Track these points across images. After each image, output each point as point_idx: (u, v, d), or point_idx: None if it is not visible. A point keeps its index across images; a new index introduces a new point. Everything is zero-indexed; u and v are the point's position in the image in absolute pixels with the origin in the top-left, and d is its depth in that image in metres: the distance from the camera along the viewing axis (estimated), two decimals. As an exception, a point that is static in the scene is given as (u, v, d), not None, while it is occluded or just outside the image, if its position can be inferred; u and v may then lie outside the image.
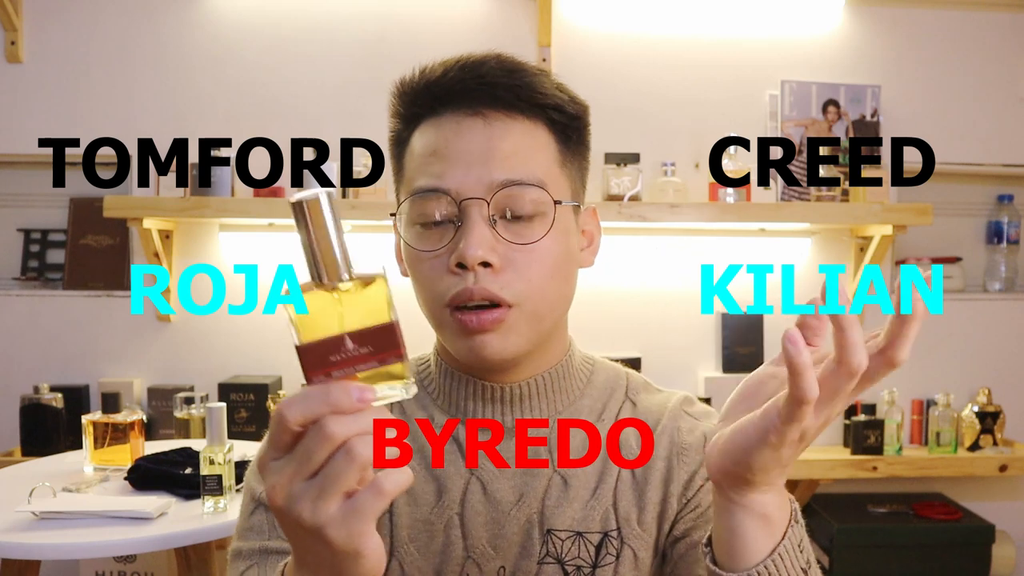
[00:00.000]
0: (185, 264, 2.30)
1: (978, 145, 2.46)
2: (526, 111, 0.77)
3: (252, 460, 0.83)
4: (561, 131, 0.80)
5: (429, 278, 0.77)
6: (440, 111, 0.77)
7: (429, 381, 0.86)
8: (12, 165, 2.35)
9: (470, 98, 0.76)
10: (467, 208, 0.74)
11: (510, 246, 0.75)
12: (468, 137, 0.75)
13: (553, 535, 0.80)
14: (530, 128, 0.77)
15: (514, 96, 0.76)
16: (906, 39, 2.43)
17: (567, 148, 0.80)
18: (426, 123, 0.78)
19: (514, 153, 0.75)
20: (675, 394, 0.89)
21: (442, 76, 0.77)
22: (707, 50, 2.38)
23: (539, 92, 0.77)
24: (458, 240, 0.74)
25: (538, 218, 0.76)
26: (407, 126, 0.81)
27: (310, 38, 2.31)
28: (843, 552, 2.19)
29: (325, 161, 2.12)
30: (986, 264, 2.55)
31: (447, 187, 0.74)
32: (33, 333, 2.30)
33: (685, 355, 2.39)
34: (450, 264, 0.74)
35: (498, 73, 0.76)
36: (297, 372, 2.17)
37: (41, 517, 1.40)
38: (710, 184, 2.22)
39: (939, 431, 2.32)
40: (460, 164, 0.75)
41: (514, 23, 2.33)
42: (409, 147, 0.80)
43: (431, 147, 0.77)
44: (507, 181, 0.74)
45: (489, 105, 0.76)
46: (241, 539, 0.80)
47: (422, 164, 0.77)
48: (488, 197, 0.74)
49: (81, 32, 2.28)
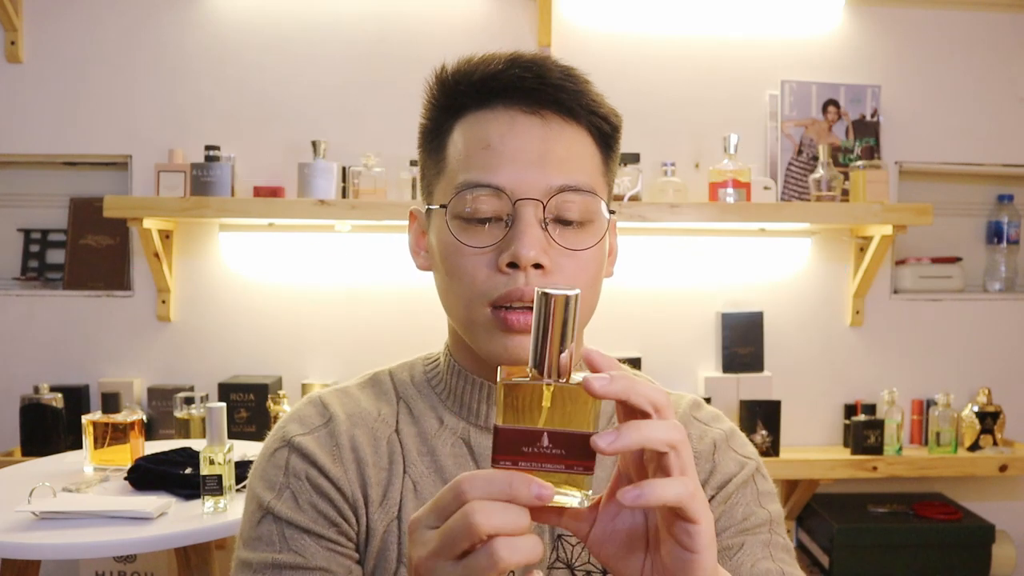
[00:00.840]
0: (185, 264, 2.31)
1: (978, 145, 2.46)
2: (580, 117, 0.76)
3: (255, 462, 0.82)
4: (603, 141, 0.79)
5: (472, 274, 0.74)
6: (492, 104, 0.75)
7: (438, 382, 0.84)
8: (12, 165, 2.35)
9: (528, 95, 0.74)
10: (522, 208, 0.72)
11: (561, 251, 0.74)
12: (525, 135, 0.74)
13: (564, 540, 0.79)
14: (581, 135, 0.77)
15: (574, 101, 0.75)
16: (906, 39, 2.43)
17: (607, 159, 0.80)
18: (473, 115, 0.76)
19: (569, 158, 0.74)
20: (683, 397, 0.88)
21: (501, 70, 0.75)
22: (707, 50, 2.38)
23: (593, 100, 0.77)
24: (511, 239, 0.72)
25: (588, 225, 0.75)
26: (448, 116, 0.78)
27: (310, 38, 2.31)
28: (843, 552, 2.19)
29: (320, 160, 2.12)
30: (986, 264, 2.55)
31: (502, 184, 0.73)
32: (33, 333, 2.30)
33: (685, 355, 2.39)
34: (500, 263, 0.72)
35: (559, 75, 0.75)
36: (297, 373, 2.17)
37: (41, 517, 1.40)
38: (710, 184, 2.22)
39: (939, 431, 2.32)
40: (516, 162, 0.73)
41: (514, 23, 2.33)
42: (451, 139, 0.77)
43: (483, 140, 0.74)
44: (564, 186, 0.73)
45: (548, 106, 0.75)
46: (249, 548, 0.77)
47: (472, 156, 0.75)
48: (544, 200, 0.73)
49: (81, 32, 2.28)
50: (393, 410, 0.82)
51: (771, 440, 2.23)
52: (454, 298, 0.77)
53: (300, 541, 0.75)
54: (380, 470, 0.78)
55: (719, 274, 2.39)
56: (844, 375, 2.43)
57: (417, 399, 0.83)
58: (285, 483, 0.77)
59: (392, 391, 0.84)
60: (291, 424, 0.81)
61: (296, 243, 2.31)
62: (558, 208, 0.74)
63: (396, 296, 2.30)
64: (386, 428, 0.81)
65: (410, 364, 0.87)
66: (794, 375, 2.41)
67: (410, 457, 0.79)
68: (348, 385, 0.86)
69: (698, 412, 0.86)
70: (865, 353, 2.44)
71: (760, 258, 2.40)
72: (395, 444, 0.80)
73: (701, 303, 2.39)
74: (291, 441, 0.79)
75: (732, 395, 2.31)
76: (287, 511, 0.76)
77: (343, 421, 0.80)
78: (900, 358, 2.45)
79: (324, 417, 0.80)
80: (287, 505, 0.76)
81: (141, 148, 2.28)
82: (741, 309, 2.37)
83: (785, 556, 0.79)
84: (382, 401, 0.83)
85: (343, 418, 0.80)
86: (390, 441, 0.80)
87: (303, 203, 2.10)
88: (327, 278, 2.32)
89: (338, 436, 0.79)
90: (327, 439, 0.79)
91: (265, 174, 2.28)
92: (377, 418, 0.81)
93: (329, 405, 0.82)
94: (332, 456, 0.78)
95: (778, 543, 0.80)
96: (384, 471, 0.78)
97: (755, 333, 2.37)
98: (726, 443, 0.84)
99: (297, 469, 0.77)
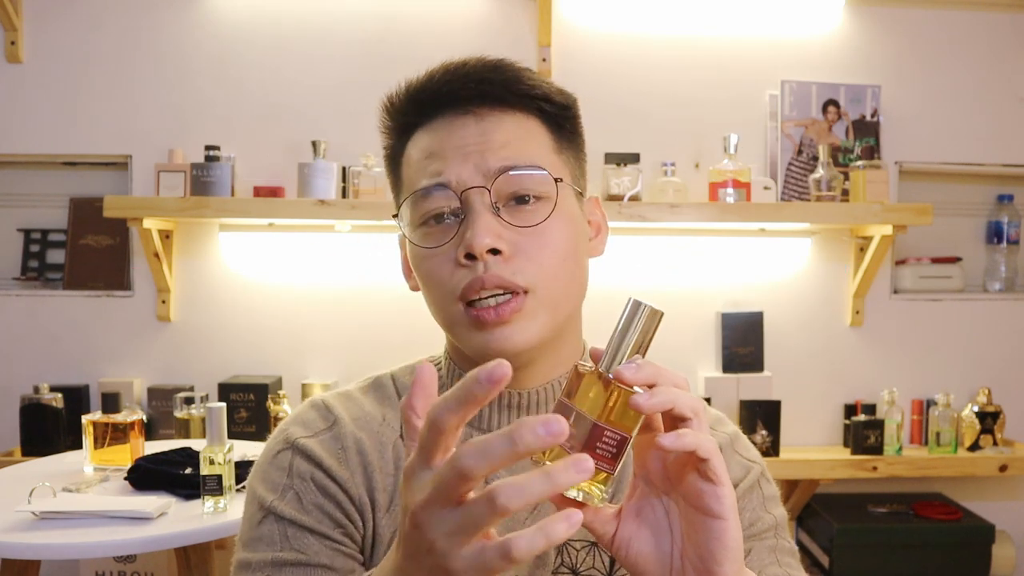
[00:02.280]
0: (185, 264, 2.31)
1: (978, 145, 2.46)
2: (516, 104, 0.77)
3: (255, 465, 0.81)
4: (553, 121, 0.79)
5: (437, 275, 0.75)
6: (432, 117, 0.77)
7: (441, 384, 0.83)
8: (12, 165, 2.35)
9: (459, 98, 0.76)
10: (469, 198, 0.73)
11: (517, 231, 0.73)
12: (462, 133, 0.75)
13: (568, 545, 0.78)
14: (522, 120, 0.77)
15: (503, 90, 0.76)
16: (906, 39, 2.43)
17: (561, 136, 0.80)
18: (419, 132, 0.78)
19: (509, 142, 0.75)
20: None
21: (428, 82, 0.78)
22: (707, 50, 2.38)
23: (526, 84, 0.77)
24: (464, 231, 0.73)
25: (542, 201, 0.75)
26: (400, 139, 0.81)
27: (310, 38, 2.31)
28: (843, 552, 2.19)
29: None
30: (986, 264, 2.55)
31: (446, 180, 0.74)
32: (33, 333, 2.30)
33: (685, 355, 2.39)
34: (458, 256, 0.73)
35: (482, 70, 0.76)
36: (297, 373, 2.16)
37: (41, 517, 1.40)
38: (710, 184, 2.22)
39: (939, 431, 2.32)
40: (457, 157, 0.74)
41: (514, 23, 2.32)
42: (404, 157, 0.80)
43: (427, 150, 0.76)
44: (504, 167, 0.74)
45: (479, 103, 0.76)
46: (248, 549, 0.75)
47: (419, 167, 0.77)
48: (488, 185, 0.73)
49: (81, 32, 2.28)
50: (397, 415, 0.81)
51: (771, 440, 2.23)
52: (432, 303, 0.78)
53: (303, 540, 0.74)
54: (386, 475, 0.77)
55: (719, 274, 2.39)
56: (844, 375, 2.43)
57: None
58: (288, 484, 0.76)
59: (395, 395, 0.83)
60: (294, 427, 0.79)
61: (296, 243, 2.31)
62: (506, 189, 0.74)
63: (396, 296, 2.30)
64: (391, 433, 0.80)
65: (412, 367, 0.86)
66: (794, 375, 2.41)
67: None
68: (350, 389, 0.85)
69: None
70: (865, 353, 2.44)
71: (760, 258, 2.40)
72: (400, 449, 0.78)
73: (701, 303, 2.39)
74: (295, 443, 0.77)
75: (732, 395, 2.31)
76: (290, 511, 0.74)
77: (348, 424, 0.79)
78: (900, 358, 2.45)
79: (328, 421, 0.79)
80: (290, 505, 0.75)
81: (141, 148, 2.28)
82: (741, 309, 2.37)
83: (791, 560, 0.79)
84: (386, 405, 0.82)
85: (348, 421, 0.79)
86: (395, 446, 0.79)
87: (303, 203, 2.10)
88: (327, 278, 2.32)
89: (343, 439, 0.78)
90: (332, 442, 0.78)
91: (265, 174, 2.28)
92: (382, 423, 0.80)
93: (333, 408, 0.80)
94: (338, 459, 0.77)
95: (784, 547, 0.80)
96: (391, 476, 0.77)
97: (755, 333, 2.37)
98: (731, 447, 0.83)
99: (302, 470, 0.76)
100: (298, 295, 2.32)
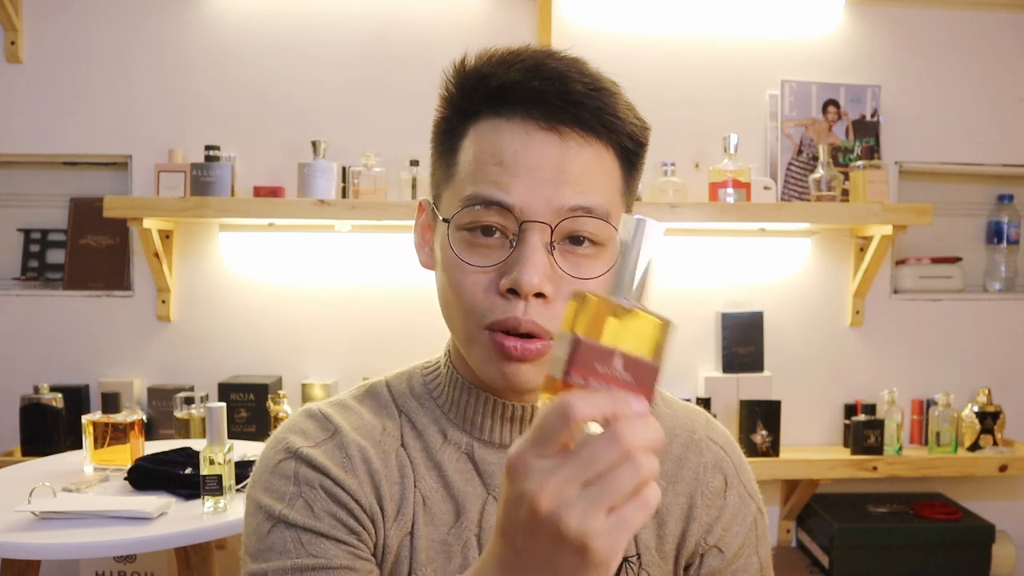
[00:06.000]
0: (185, 264, 2.31)
1: (978, 145, 2.46)
2: (600, 134, 0.71)
3: (253, 477, 0.77)
4: (627, 158, 0.75)
5: (471, 293, 0.71)
6: (508, 113, 0.71)
7: (440, 393, 0.80)
8: (12, 165, 2.35)
9: (546, 108, 0.70)
10: (528, 230, 0.68)
11: (565, 278, 0.70)
12: (539, 152, 0.69)
13: (629, 563, 0.78)
14: (602, 152, 0.72)
15: (596, 118, 0.71)
16: (906, 39, 2.43)
17: (630, 177, 0.76)
18: (487, 122, 0.72)
19: (585, 177, 0.70)
20: (698, 413, 0.86)
21: (519, 80, 0.70)
22: (707, 50, 2.38)
23: (618, 117, 0.72)
24: (513, 263, 0.68)
25: (596, 247, 0.71)
26: (462, 118, 0.74)
27: (310, 38, 2.31)
28: (843, 552, 2.19)
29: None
30: (986, 264, 2.55)
31: (510, 203, 0.69)
32: (33, 333, 2.30)
33: (685, 355, 2.39)
34: (500, 286, 0.69)
35: (581, 90, 0.70)
36: (297, 373, 2.16)
37: (41, 517, 1.40)
38: (710, 184, 2.22)
39: (939, 431, 2.32)
40: (528, 180, 0.69)
41: (514, 23, 2.32)
42: (463, 144, 0.73)
43: (495, 154, 0.70)
44: (576, 208, 0.69)
45: (567, 122, 0.70)
46: (260, 560, 0.72)
47: (483, 170, 0.70)
48: (553, 223, 0.69)
49: (81, 32, 2.28)
50: (396, 424, 0.79)
51: (771, 440, 2.23)
52: (453, 312, 0.74)
53: (319, 545, 0.71)
54: (392, 484, 0.76)
55: (719, 274, 2.39)
56: (844, 375, 2.43)
57: (419, 412, 0.79)
58: (296, 492, 0.73)
59: (392, 404, 0.81)
60: (293, 436, 0.77)
61: (296, 243, 2.31)
62: (567, 226, 0.69)
63: (396, 296, 2.30)
64: (392, 442, 0.78)
65: (408, 374, 0.83)
66: (794, 375, 2.41)
67: (419, 471, 0.76)
68: (343, 398, 0.82)
69: (713, 434, 0.85)
70: (865, 353, 2.44)
71: (760, 258, 2.40)
72: (403, 458, 0.77)
73: (701, 303, 2.39)
74: (297, 452, 0.75)
75: (732, 395, 2.31)
76: (302, 518, 0.72)
77: (350, 433, 0.77)
78: (900, 358, 2.45)
79: (328, 430, 0.77)
80: (301, 513, 0.72)
81: (141, 148, 2.28)
82: (741, 309, 2.37)
83: None
84: (383, 415, 0.80)
85: (349, 431, 0.77)
86: (398, 455, 0.77)
87: (303, 203, 2.10)
88: (327, 278, 2.32)
89: (347, 448, 0.75)
90: (336, 451, 0.75)
91: (265, 174, 2.28)
92: (383, 432, 0.78)
93: (331, 418, 0.78)
94: (344, 468, 0.74)
95: None
96: (396, 485, 0.76)
97: (755, 333, 2.37)
98: (737, 478, 0.84)
99: (309, 478, 0.73)
100: (298, 295, 2.32)
